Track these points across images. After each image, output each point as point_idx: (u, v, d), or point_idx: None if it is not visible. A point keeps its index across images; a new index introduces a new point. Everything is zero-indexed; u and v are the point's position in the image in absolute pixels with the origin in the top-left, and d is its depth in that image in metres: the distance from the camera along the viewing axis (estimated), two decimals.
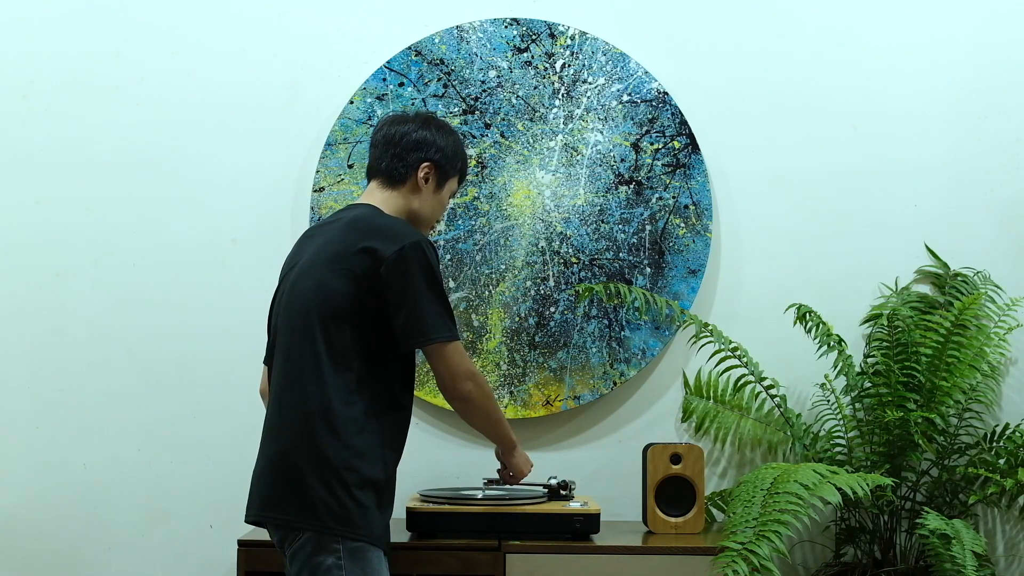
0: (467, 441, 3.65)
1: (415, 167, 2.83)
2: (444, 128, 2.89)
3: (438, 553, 3.09)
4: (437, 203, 2.88)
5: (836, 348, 3.45)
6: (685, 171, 3.64)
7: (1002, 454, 3.39)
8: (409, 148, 2.83)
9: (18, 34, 3.69)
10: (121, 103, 3.67)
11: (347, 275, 2.66)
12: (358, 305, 2.65)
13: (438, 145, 2.85)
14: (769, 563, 2.82)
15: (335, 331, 2.65)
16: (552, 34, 3.66)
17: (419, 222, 2.85)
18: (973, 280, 3.63)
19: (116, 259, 3.67)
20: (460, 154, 2.91)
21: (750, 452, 3.65)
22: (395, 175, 2.83)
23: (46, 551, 3.62)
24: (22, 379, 3.65)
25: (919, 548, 3.35)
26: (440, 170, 2.86)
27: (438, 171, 2.85)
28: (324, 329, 2.65)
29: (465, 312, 3.61)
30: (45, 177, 3.67)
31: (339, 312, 2.65)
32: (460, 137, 2.95)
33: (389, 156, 2.84)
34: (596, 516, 3.19)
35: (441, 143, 2.85)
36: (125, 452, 3.62)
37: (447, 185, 2.89)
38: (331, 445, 2.62)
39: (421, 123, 2.87)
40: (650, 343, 3.62)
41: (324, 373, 2.64)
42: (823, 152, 3.70)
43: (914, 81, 3.71)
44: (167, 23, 3.69)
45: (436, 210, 2.89)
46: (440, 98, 3.64)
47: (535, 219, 3.63)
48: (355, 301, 2.65)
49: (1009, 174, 3.70)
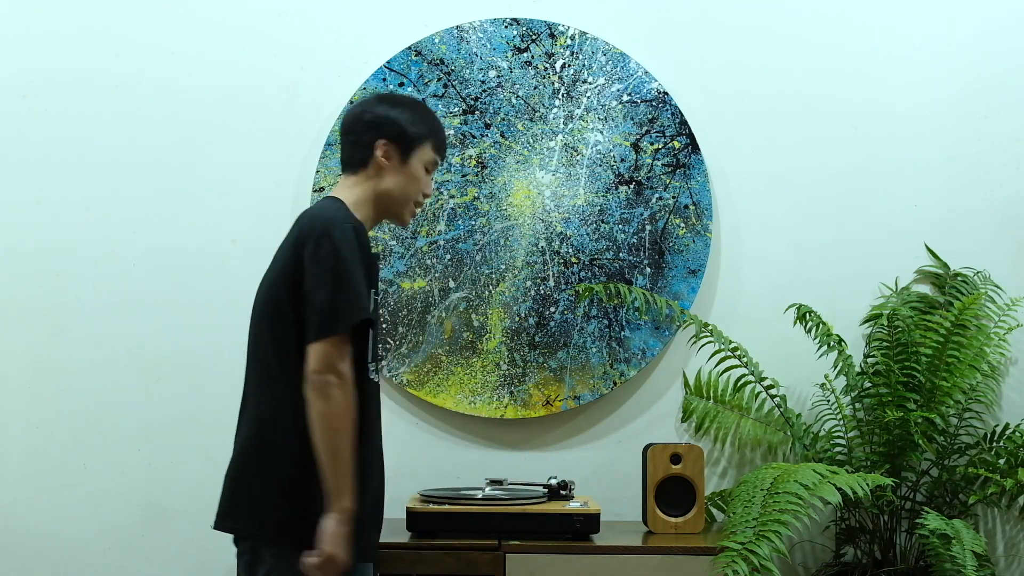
0: (467, 441, 3.65)
1: (371, 147, 2.71)
2: (400, 101, 2.79)
3: (438, 553, 3.09)
4: (408, 177, 2.74)
5: (836, 348, 3.45)
6: (685, 171, 3.64)
7: (1002, 454, 3.39)
8: (363, 130, 2.73)
9: (18, 34, 3.69)
10: (121, 103, 3.67)
11: (284, 275, 2.59)
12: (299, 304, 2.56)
13: (390, 119, 2.72)
14: (769, 563, 2.82)
15: (280, 335, 2.58)
16: (552, 34, 3.66)
17: (395, 202, 2.74)
18: (973, 280, 3.63)
19: (116, 259, 3.67)
20: (425, 121, 2.77)
21: (750, 452, 3.65)
22: (355, 160, 2.74)
23: (46, 551, 3.62)
24: (22, 379, 3.65)
25: (919, 548, 3.35)
26: (400, 143, 2.72)
27: (398, 144, 2.72)
28: (271, 333, 2.60)
29: (465, 312, 3.61)
30: (45, 177, 3.67)
31: (282, 314, 2.57)
32: (424, 106, 2.83)
33: (349, 144, 2.75)
34: (596, 516, 3.19)
35: (395, 116, 2.73)
36: (125, 452, 3.62)
37: (415, 156, 2.74)
38: (275, 453, 2.56)
39: (373, 103, 2.78)
40: (650, 343, 3.62)
41: (271, 379, 2.59)
42: (823, 152, 3.70)
43: (914, 81, 3.71)
44: (167, 23, 3.68)
45: (409, 184, 2.74)
46: (440, 98, 3.64)
47: (535, 219, 3.63)
48: (295, 299, 2.56)
49: (1009, 174, 3.70)
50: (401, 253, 3.62)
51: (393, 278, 3.61)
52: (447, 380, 3.60)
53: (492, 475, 3.43)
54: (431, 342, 3.61)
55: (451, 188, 3.63)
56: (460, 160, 3.63)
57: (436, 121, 2.82)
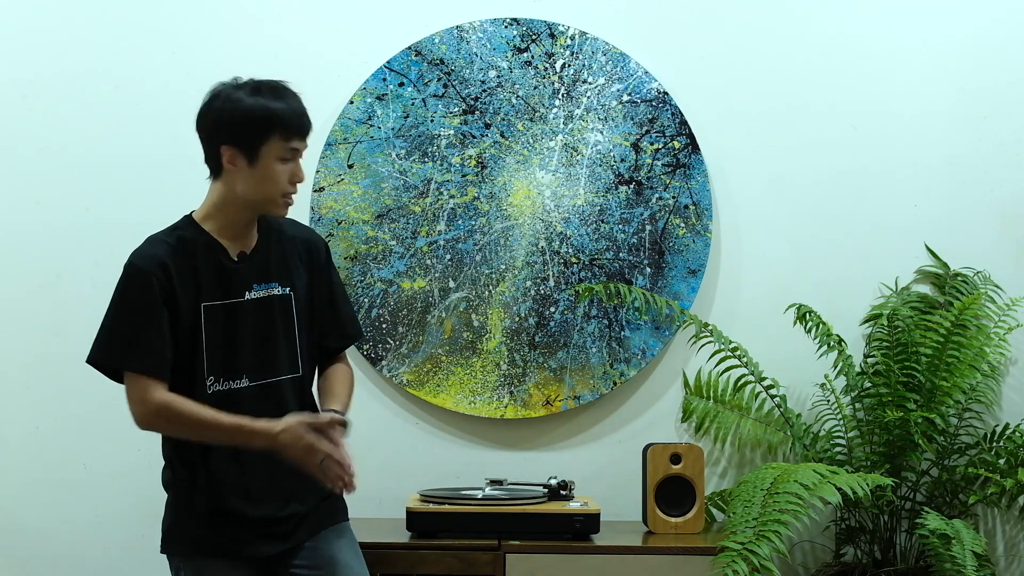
0: (467, 441, 3.65)
1: (218, 155, 2.61)
2: (235, 98, 2.61)
3: (438, 553, 3.09)
4: (260, 178, 2.60)
5: (836, 348, 3.45)
6: (685, 171, 3.64)
7: (1002, 454, 3.40)
8: (207, 136, 2.63)
9: (18, 34, 3.69)
10: (121, 103, 3.67)
11: None
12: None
13: (227, 120, 2.59)
14: (769, 563, 2.82)
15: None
16: (552, 34, 3.66)
17: (258, 203, 2.64)
18: (973, 280, 3.63)
19: (116, 259, 3.62)
20: (265, 113, 2.58)
21: (750, 452, 3.65)
22: (209, 166, 2.66)
23: (46, 551, 3.62)
24: (22, 379, 3.65)
25: (919, 548, 3.35)
26: (243, 146, 2.58)
27: (241, 148, 2.58)
28: None
29: (465, 312, 3.61)
30: (45, 177, 3.67)
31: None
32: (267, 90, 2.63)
33: (202, 147, 2.66)
34: (596, 516, 3.19)
35: (231, 115, 2.58)
36: (125, 452, 3.61)
37: (263, 153, 2.59)
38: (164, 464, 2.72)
39: (209, 102, 2.64)
40: (650, 343, 3.62)
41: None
42: (823, 152, 3.70)
43: (914, 81, 3.71)
44: (167, 23, 3.68)
45: (265, 182, 2.60)
46: (440, 98, 3.64)
47: (535, 219, 3.63)
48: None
49: (1009, 174, 3.70)
50: (401, 253, 3.62)
51: (393, 278, 3.61)
52: (447, 380, 3.60)
53: (492, 475, 3.43)
54: (431, 342, 3.61)
55: (451, 188, 3.63)
56: (460, 160, 3.63)
57: (286, 105, 2.62)
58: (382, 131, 3.63)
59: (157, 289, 2.58)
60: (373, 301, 3.61)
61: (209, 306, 2.63)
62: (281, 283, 2.72)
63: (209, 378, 2.62)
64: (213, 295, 2.63)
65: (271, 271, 2.71)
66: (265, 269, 2.71)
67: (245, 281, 2.68)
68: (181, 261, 2.61)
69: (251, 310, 2.67)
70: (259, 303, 2.68)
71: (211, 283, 2.63)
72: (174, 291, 2.59)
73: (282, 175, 2.62)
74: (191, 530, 2.65)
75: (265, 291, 2.70)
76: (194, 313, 2.61)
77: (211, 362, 2.63)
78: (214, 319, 2.63)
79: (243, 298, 2.66)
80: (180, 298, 2.60)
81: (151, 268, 2.59)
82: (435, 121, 3.64)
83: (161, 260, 2.60)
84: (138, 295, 2.58)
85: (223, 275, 2.65)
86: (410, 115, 3.64)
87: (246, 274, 2.68)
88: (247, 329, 2.66)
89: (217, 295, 2.64)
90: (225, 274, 2.65)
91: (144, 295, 2.58)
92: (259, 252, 2.71)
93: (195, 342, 2.62)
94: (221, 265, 2.65)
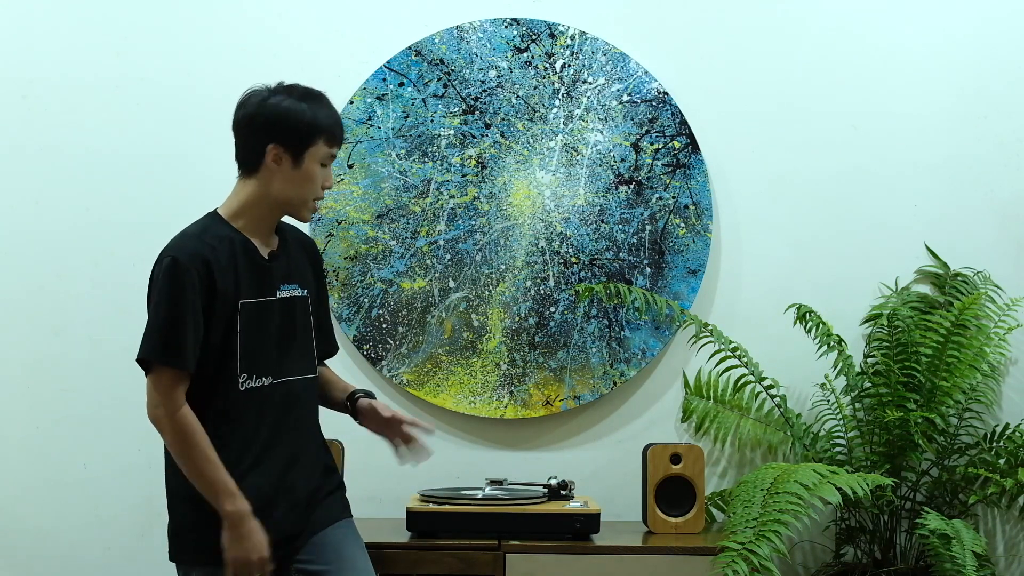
0: (467, 441, 3.65)
1: (262, 152, 2.64)
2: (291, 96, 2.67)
3: (438, 553, 3.09)
4: (301, 179, 2.65)
5: (836, 348, 3.45)
6: (685, 171, 3.64)
7: (1002, 454, 3.40)
8: (253, 132, 2.65)
9: (18, 34, 3.69)
10: (121, 103, 3.67)
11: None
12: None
13: (282, 120, 2.64)
14: (769, 563, 2.82)
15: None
16: (552, 34, 3.66)
17: (290, 205, 2.68)
18: (973, 280, 3.63)
19: (116, 259, 3.67)
20: (318, 118, 2.66)
21: (750, 452, 3.65)
22: (247, 163, 2.68)
23: (46, 551, 3.62)
24: (22, 379, 3.65)
25: (919, 548, 3.35)
26: (292, 146, 2.64)
27: (290, 147, 2.64)
28: None
29: (465, 312, 3.61)
30: (45, 177, 3.67)
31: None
32: (317, 98, 2.70)
33: (239, 144, 2.69)
34: (596, 516, 3.19)
35: (286, 116, 2.64)
36: (125, 452, 3.61)
37: (307, 156, 2.65)
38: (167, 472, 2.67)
39: (262, 99, 2.67)
40: (650, 343, 3.62)
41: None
42: (823, 152, 3.70)
43: (914, 81, 3.71)
44: (167, 23, 3.68)
45: (304, 186, 2.66)
46: (440, 98, 3.65)
47: (535, 219, 3.63)
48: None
49: (1009, 174, 3.70)
50: (401, 253, 3.62)
51: (393, 278, 3.61)
52: (447, 380, 3.60)
53: (492, 475, 3.43)
54: (431, 342, 3.61)
55: (451, 188, 3.63)
56: (460, 160, 3.63)
57: (330, 113, 2.70)
58: (382, 131, 3.63)
59: (200, 286, 2.58)
60: (373, 301, 3.61)
61: (246, 303, 2.63)
62: (300, 284, 2.75)
63: (242, 375, 2.63)
64: (250, 292, 2.64)
65: (292, 272, 2.74)
66: (288, 270, 2.73)
67: (276, 280, 2.70)
68: (221, 257, 2.61)
69: (278, 309, 2.69)
70: (285, 303, 2.70)
71: (248, 281, 2.64)
72: (215, 287, 2.59)
73: (319, 179, 2.68)
74: (208, 538, 2.58)
75: (289, 291, 2.72)
76: (232, 310, 2.61)
77: (244, 359, 2.63)
78: (249, 317, 2.64)
79: (274, 297, 2.68)
80: (219, 294, 2.60)
81: (195, 265, 2.58)
82: (435, 121, 3.64)
83: (204, 256, 2.59)
84: (185, 291, 2.56)
85: (258, 273, 2.66)
86: (410, 115, 3.64)
87: (276, 273, 2.70)
88: (273, 328, 2.68)
89: (253, 293, 2.65)
90: (260, 272, 2.67)
91: (190, 291, 2.56)
92: (282, 253, 2.73)
93: (229, 339, 2.61)
94: (255, 263, 2.66)
